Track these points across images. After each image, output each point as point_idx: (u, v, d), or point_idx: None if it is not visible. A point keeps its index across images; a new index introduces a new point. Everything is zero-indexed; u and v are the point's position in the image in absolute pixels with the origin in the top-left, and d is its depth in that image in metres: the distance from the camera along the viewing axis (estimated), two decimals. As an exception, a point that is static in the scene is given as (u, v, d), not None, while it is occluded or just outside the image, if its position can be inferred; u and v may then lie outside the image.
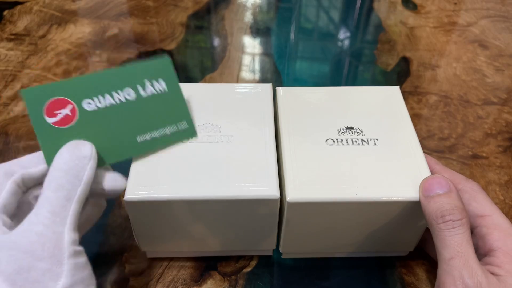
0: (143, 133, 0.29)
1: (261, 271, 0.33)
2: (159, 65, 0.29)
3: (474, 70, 0.52)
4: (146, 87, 0.29)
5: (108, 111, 0.27)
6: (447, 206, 0.26)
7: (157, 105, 0.29)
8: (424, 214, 0.27)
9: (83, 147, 0.26)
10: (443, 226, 0.26)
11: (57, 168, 0.25)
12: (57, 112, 0.26)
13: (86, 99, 0.27)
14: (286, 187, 0.28)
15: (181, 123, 0.30)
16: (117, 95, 0.28)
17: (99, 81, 0.27)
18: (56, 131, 0.26)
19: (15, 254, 0.22)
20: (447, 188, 0.27)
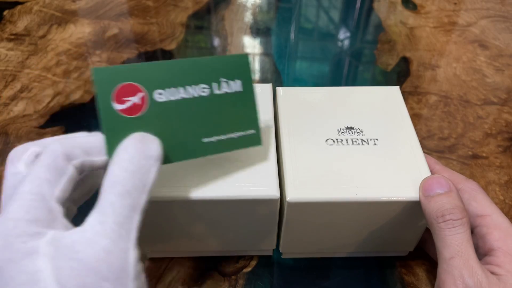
0: (211, 134, 0.26)
1: (261, 271, 0.33)
2: (238, 62, 0.27)
3: (474, 70, 0.52)
4: (222, 86, 0.26)
5: (178, 105, 0.25)
6: (448, 205, 0.26)
7: (230, 106, 0.26)
8: (424, 213, 0.27)
9: (151, 144, 0.23)
10: (444, 226, 0.26)
11: (122, 167, 0.21)
12: (126, 99, 0.23)
13: (158, 89, 0.24)
14: (286, 187, 0.28)
15: (249, 129, 0.28)
16: (191, 89, 0.25)
17: (175, 71, 0.25)
18: (122, 120, 0.23)
19: (78, 268, 0.19)
20: (447, 188, 0.27)
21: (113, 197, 0.21)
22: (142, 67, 0.24)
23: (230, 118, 0.27)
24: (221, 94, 0.26)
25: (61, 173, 0.22)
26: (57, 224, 0.21)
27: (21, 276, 0.19)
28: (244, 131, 0.27)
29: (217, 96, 0.26)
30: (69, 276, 0.19)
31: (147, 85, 0.24)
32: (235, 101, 0.27)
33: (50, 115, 0.46)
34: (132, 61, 0.52)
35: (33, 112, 0.46)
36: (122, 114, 0.23)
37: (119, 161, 0.22)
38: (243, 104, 0.27)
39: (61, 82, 0.49)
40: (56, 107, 0.46)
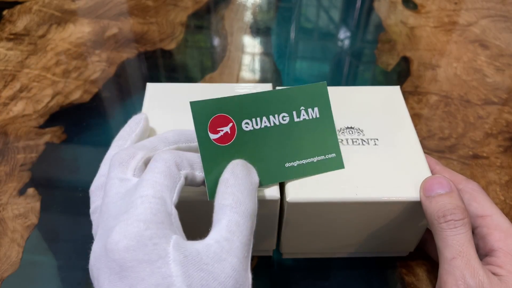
0: (292, 159, 0.28)
1: (261, 271, 0.33)
2: (315, 90, 0.28)
3: (475, 70, 0.52)
4: (301, 114, 0.28)
5: (262, 133, 0.27)
6: (449, 206, 0.26)
7: (309, 132, 0.28)
8: (425, 214, 0.27)
9: (253, 171, 0.25)
10: (445, 226, 0.26)
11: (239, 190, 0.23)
12: (219, 129, 0.25)
13: (245, 119, 0.26)
14: (286, 187, 0.28)
15: (330, 153, 0.29)
16: (273, 118, 0.27)
17: (259, 102, 0.27)
18: (216, 148, 0.25)
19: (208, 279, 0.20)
20: (448, 188, 0.27)
21: (239, 217, 0.22)
22: (232, 100, 0.26)
23: (310, 144, 0.28)
24: (300, 122, 0.28)
25: (176, 180, 0.23)
26: (174, 228, 0.22)
27: (153, 278, 0.19)
28: (324, 155, 0.29)
29: (297, 124, 0.28)
30: (199, 285, 0.19)
31: (236, 116, 0.26)
32: (314, 127, 0.28)
33: (50, 115, 0.45)
34: (132, 61, 0.52)
35: (32, 112, 0.46)
36: (216, 143, 0.25)
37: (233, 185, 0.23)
38: (321, 130, 0.29)
39: (60, 82, 0.49)
40: (55, 107, 0.46)
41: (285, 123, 0.27)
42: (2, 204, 0.37)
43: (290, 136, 0.28)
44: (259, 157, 0.27)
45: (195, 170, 0.24)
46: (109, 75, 0.50)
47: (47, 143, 0.43)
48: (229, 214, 0.22)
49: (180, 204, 0.28)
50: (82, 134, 0.44)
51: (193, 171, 0.24)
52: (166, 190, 0.22)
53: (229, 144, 0.26)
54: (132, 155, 0.24)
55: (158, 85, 0.35)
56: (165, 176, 0.22)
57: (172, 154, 0.24)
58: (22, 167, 0.40)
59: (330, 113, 0.29)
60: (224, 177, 0.23)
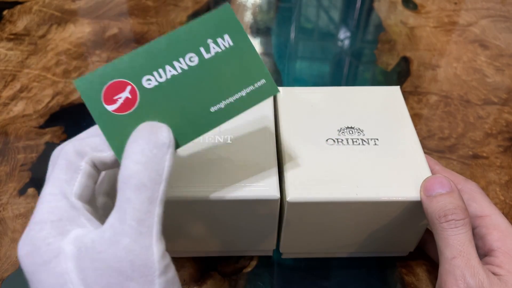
0: (217, 101, 0.24)
1: (261, 271, 0.33)
2: (220, 17, 0.24)
3: (475, 70, 0.52)
4: (210, 48, 0.24)
5: (171, 84, 0.23)
6: (450, 205, 0.26)
7: (227, 64, 0.24)
8: (426, 213, 0.27)
9: (160, 131, 0.22)
10: (446, 226, 0.26)
11: (134, 160, 0.20)
12: (116, 98, 0.23)
13: (145, 75, 0.23)
14: (286, 187, 0.28)
15: (259, 81, 0.25)
16: (179, 64, 0.23)
17: (156, 52, 0.23)
18: (119, 119, 0.23)
19: (102, 269, 0.19)
20: (449, 188, 0.27)
21: (129, 192, 0.20)
22: (119, 62, 0.23)
23: (232, 77, 0.24)
24: (213, 56, 0.24)
25: (76, 170, 0.22)
26: (82, 221, 0.21)
27: (49, 279, 0.19)
28: (253, 85, 0.25)
29: (209, 60, 0.24)
30: (94, 277, 0.19)
31: (132, 76, 0.23)
32: (231, 57, 0.24)
33: (50, 115, 0.45)
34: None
35: (32, 112, 0.46)
36: (118, 113, 0.23)
37: (130, 155, 0.21)
38: (241, 58, 0.25)
39: (60, 82, 0.49)
40: (55, 107, 0.46)
41: (195, 64, 0.24)
42: (3, 204, 0.37)
43: (206, 76, 0.24)
44: (175, 113, 0.23)
45: (101, 152, 0.23)
46: (109, 75, 0.50)
47: (47, 143, 0.43)
48: (120, 192, 0.20)
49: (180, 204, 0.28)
50: (82, 134, 0.44)
51: (99, 153, 0.23)
52: (64, 184, 0.21)
53: (133, 109, 0.23)
54: None
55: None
56: (62, 170, 0.22)
57: (72, 143, 0.22)
58: (22, 167, 0.40)
59: (245, 36, 0.24)
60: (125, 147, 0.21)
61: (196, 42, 0.24)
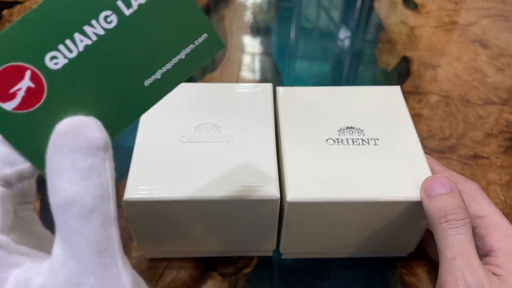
0: (151, 71, 0.19)
1: (261, 271, 0.33)
2: None
3: (475, 70, 0.52)
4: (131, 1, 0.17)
5: (86, 59, 0.17)
6: (450, 205, 0.26)
7: (155, 21, 0.18)
8: (426, 213, 0.27)
9: (89, 131, 0.16)
10: (446, 226, 0.26)
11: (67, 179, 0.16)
12: (14, 90, 0.16)
13: (48, 52, 0.16)
14: (286, 187, 0.28)
15: (199, 36, 0.19)
16: (92, 29, 0.17)
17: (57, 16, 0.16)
18: (26, 119, 0.17)
19: None
20: (449, 188, 0.27)
21: (75, 223, 0.16)
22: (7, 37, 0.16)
23: (166, 36, 0.19)
24: (136, 11, 0.18)
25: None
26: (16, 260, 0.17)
27: None
28: (193, 43, 0.19)
29: (132, 17, 0.18)
30: None
31: (29, 55, 0.16)
32: (160, 9, 0.18)
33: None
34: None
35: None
36: (21, 111, 0.17)
37: (59, 172, 0.16)
38: (174, 8, 0.18)
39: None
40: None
41: (113, 26, 0.17)
42: (2, 204, 0.37)
43: (131, 40, 0.18)
44: (98, 97, 0.18)
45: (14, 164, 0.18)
46: (109, 75, 0.50)
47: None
48: (64, 221, 0.16)
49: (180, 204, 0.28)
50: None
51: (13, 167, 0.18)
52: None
53: (42, 102, 0.17)
54: None
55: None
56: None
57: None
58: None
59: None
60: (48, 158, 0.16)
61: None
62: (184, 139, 0.31)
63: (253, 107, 0.33)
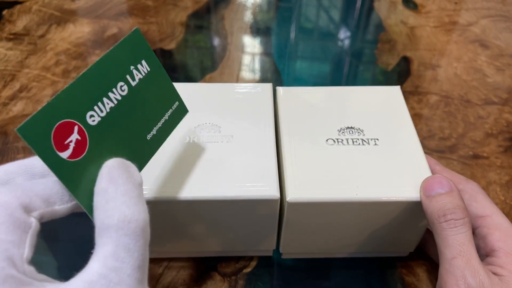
0: (150, 128, 0.25)
1: (261, 271, 0.33)
2: (133, 42, 0.24)
3: (475, 70, 0.52)
4: (134, 75, 0.24)
5: (111, 117, 0.22)
6: (449, 205, 0.26)
7: (149, 91, 0.24)
8: (426, 213, 0.27)
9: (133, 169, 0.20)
10: (445, 225, 0.26)
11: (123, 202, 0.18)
12: (67, 142, 0.20)
13: (88, 112, 0.21)
14: (286, 187, 0.28)
15: (174, 103, 0.26)
16: (113, 95, 0.22)
17: (92, 84, 0.21)
18: (77, 165, 0.20)
19: None
20: (448, 188, 0.27)
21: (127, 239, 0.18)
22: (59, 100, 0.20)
23: (155, 103, 0.25)
24: (138, 83, 0.24)
25: (25, 229, 0.18)
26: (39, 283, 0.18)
27: None
28: (171, 107, 0.26)
29: (136, 88, 0.24)
30: None
31: (76, 114, 0.20)
32: (150, 83, 0.24)
33: (49, 115, 0.45)
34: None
35: (32, 111, 0.46)
36: (73, 160, 0.20)
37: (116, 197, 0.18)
38: (157, 82, 0.25)
39: (60, 82, 0.49)
40: (55, 107, 0.46)
41: (126, 93, 0.23)
42: (2, 204, 0.37)
43: (137, 104, 0.24)
44: (120, 146, 0.22)
45: (53, 204, 0.19)
46: (109, 75, 0.50)
47: (47, 143, 0.43)
48: (116, 238, 0.18)
49: (180, 204, 0.28)
50: (82, 134, 0.43)
51: (51, 207, 0.19)
52: (12, 248, 0.17)
53: (87, 151, 0.21)
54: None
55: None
56: (7, 229, 0.17)
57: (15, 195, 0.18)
58: (22, 167, 0.40)
59: (156, 60, 0.25)
60: (101, 187, 0.19)
61: (122, 70, 0.23)
62: (184, 139, 0.31)
63: (253, 107, 0.33)
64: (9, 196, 0.18)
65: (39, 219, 0.19)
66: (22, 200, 0.18)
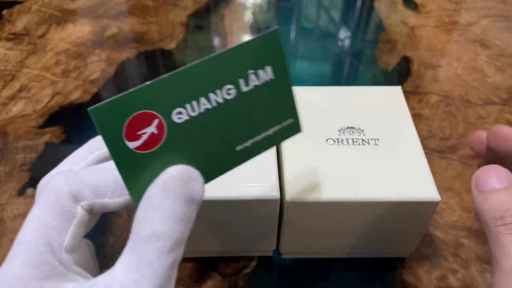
0: (244, 139, 0.21)
1: (261, 271, 0.33)
2: (266, 43, 0.20)
3: (475, 70, 0.52)
4: (250, 80, 0.20)
5: (201, 119, 0.20)
6: (508, 204, 0.21)
7: (262, 100, 0.21)
8: (477, 211, 0.22)
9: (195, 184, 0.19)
10: (503, 230, 0.21)
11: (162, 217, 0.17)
12: (140, 133, 0.18)
13: (176, 108, 0.19)
14: (286, 187, 0.28)
15: (287, 119, 0.23)
16: (215, 96, 0.20)
17: (192, 81, 0.19)
18: (141, 158, 0.19)
19: None
20: (507, 182, 0.21)
21: (152, 255, 0.17)
22: (147, 89, 0.18)
23: (264, 115, 0.21)
24: (250, 90, 0.20)
25: (69, 218, 0.18)
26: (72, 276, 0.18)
27: None
28: (281, 124, 0.22)
29: (246, 94, 0.20)
30: None
31: (162, 107, 0.19)
32: (267, 92, 0.21)
33: (49, 115, 0.45)
34: (132, 61, 0.52)
35: (32, 112, 0.46)
36: (140, 152, 0.19)
37: (157, 208, 0.17)
38: (276, 94, 0.21)
39: (60, 82, 0.49)
40: (55, 107, 0.46)
41: (231, 98, 0.20)
42: (2, 204, 0.37)
43: (239, 112, 0.21)
44: (200, 150, 0.20)
45: (103, 197, 0.19)
46: (108, 75, 0.50)
47: (46, 143, 0.43)
48: (142, 249, 0.17)
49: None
50: (82, 134, 0.43)
51: (101, 199, 0.19)
52: (54, 233, 0.18)
53: (158, 147, 0.19)
54: None
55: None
56: (53, 214, 0.18)
57: (67, 182, 0.18)
58: (22, 167, 0.40)
59: (286, 69, 0.21)
60: (150, 192, 0.18)
61: (238, 72, 0.20)
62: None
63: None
64: (60, 182, 0.18)
65: (88, 210, 0.19)
66: (72, 188, 0.18)
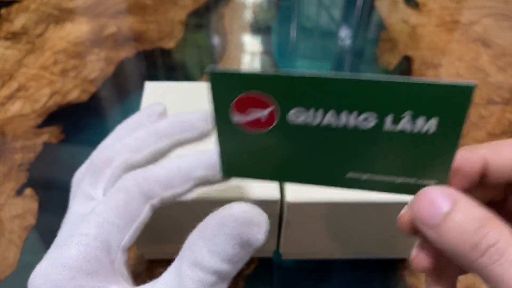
0: (360, 169, 0.18)
1: (261, 273, 0.33)
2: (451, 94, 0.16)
3: (477, 69, 0.52)
4: (401, 122, 0.17)
5: (318, 133, 0.18)
6: (472, 225, 0.16)
7: (401, 148, 0.17)
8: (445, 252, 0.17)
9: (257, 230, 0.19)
10: (488, 261, 0.16)
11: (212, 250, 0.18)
12: (251, 110, 0.17)
13: (298, 107, 0.17)
14: (286, 188, 0.28)
15: (429, 180, 0.18)
16: (347, 117, 0.17)
17: (332, 89, 0.17)
18: (239, 135, 0.18)
19: None
20: (450, 199, 0.17)
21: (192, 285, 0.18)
22: (279, 79, 0.17)
23: (399, 160, 0.18)
24: (394, 132, 0.17)
25: (134, 218, 0.18)
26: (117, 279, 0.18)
27: None
28: (417, 178, 0.18)
29: (385, 133, 0.17)
30: None
31: (284, 100, 0.17)
32: (417, 144, 0.17)
33: (48, 114, 0.45)
34: (131, 60, 0.52)
35: (30, 111, 0.45)
36: (239, 129, 0.18)
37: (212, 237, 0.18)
38: (430, 149, 0.17)
39: (58, 81, 0.49)
40: (53, 107, 0.46)
41: (365, 129, 0.17)
42: (0, 204, 0.37)
43: (369, 146, 0.18)
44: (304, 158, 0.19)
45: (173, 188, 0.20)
46: (107, 74, 0.50)
47: (45, 143, 0.42)
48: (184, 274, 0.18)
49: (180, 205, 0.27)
50: (80, 133, 0.43)
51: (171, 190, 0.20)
52: (115, 231, 0.18)
53: (259, 133, 0.18)
54: (107, 163, 0.20)
55: (157, 84, 0.35)
56: (118, 213, 0.18)
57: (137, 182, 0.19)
58: (20, 167, 0.40)
59: (461, 130, 0.17)
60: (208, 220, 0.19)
61: (390, 106, 0.17)
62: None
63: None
64: (131, 182, 0.19)
65: (159, 204, 0.19)
66: (142, 187, 0.19)
